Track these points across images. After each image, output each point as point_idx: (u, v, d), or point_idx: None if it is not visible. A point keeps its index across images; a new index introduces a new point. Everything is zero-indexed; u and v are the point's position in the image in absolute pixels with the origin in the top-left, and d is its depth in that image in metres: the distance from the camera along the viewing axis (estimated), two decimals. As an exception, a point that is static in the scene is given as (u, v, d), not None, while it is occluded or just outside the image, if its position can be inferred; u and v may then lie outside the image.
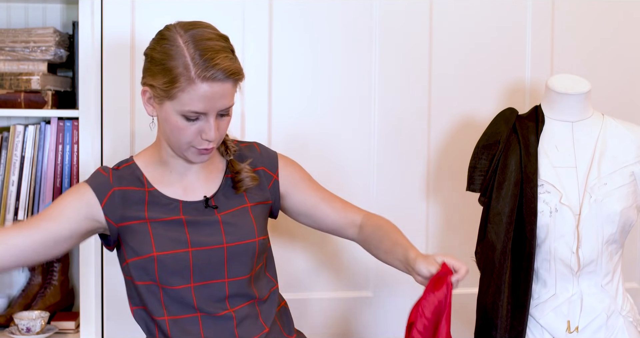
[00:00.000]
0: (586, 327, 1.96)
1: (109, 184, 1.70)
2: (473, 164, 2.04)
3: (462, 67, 2.49)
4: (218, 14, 2.35)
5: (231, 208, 1.75)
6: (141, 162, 1.76)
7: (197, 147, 1.64)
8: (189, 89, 1.57)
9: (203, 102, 1.58)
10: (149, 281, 1.70)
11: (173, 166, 1.75)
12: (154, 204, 1.71)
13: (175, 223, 1.70)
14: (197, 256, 1.68)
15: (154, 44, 1.66)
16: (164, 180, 1.74)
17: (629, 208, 1.96)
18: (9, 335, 2.23)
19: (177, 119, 1.61)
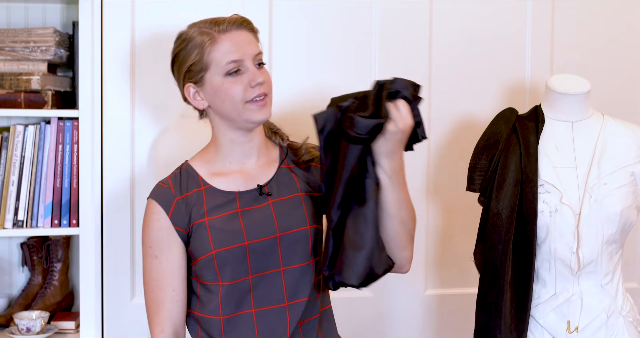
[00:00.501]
0: (586, 327, 1.96)
1: (171, 195, 1.74)
2: (473, 164, 2.04)
3: (462, 67, 2.50)
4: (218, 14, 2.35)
5: (284, 195, 1.77)
6: (195, 162, 1.80)
7: (251, 98, 1.68)
8: (216, 48, 1.67)
9: (234, 51, 1.67)
10: (209, 280, 1.72)
11: (232, 156, 1.77)
12: (210, 202, 1.74)
13: (231, 217, 1.73)
14: (253, 248, 1.71)
15: (175, 45, 1.78)
16: (221, 174, 1.77)
17: (629, 208, 1.96)
18: (9, 335, 2.23)
19: (223, 81, 1.68)
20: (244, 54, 1.68)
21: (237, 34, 1.70)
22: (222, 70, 1.68)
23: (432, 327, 2.52)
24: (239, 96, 1.68)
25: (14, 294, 2.46)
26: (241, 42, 1.69)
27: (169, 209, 1.73)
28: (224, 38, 1.68)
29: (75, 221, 2.24)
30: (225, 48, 1.68)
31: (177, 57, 1.75)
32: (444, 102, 2.49)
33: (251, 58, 1.69)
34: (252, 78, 1.68)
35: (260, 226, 1.73)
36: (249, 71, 1.68)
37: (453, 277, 2.53)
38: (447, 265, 2.53)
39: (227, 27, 1.69)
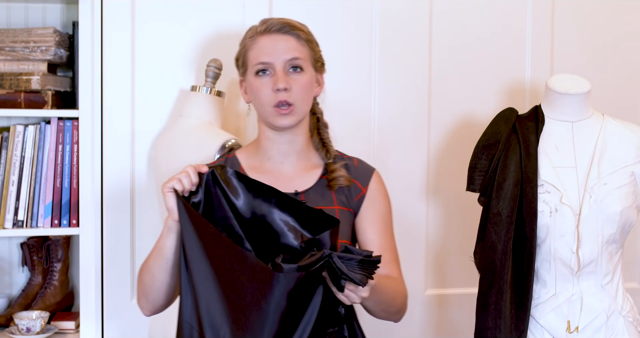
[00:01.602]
0: (586, 327, 1.96)
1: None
2: (473, 164, 2.04)
3: (462, 67, 2.50)
4: (218, 14, 2.35)
5: (319, 206, 1.74)
6: (241, 154, 1.84)
7: (274, 103, 1.71)
8: (253, 47, 1.75)
9: (265, 53, 1.72)
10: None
11: (270, 153, 1.80)
12: None
13: None
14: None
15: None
16: (260, 169, 1.80)
17: (629, 208, 1.96)
18: (9, 335, 2.23)
19: (254, 80, 1.74)
20: (274, 57, 1.72)
21: (275, 37, 1.73)
22: (253, 69, 1.74)
23: (432, 327, 2.52)
24: (265, 99, 1.73)
25: (14, 294, 2.46)
26: (275, 46, 1.72)
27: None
28: (261, 39, 1.74)
29: (75, 221, 2.24)
30: (258, 49, 1.73)
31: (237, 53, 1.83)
32: (444, 102, 2.49)
33: (283, 62, 1.72)
34: (275, 82, 1.71)
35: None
36: (276, 74, 1.72)
37: (453, 277, 2.53)
38: (447, 265, 2.53)
39: (268, 29, 1.74)
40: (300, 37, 1.75)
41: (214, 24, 2.35)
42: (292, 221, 1.60)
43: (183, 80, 2.32)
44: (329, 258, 1.47)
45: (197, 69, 2.33)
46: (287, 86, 1.70)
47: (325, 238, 1.53)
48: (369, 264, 1.49)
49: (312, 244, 1.54)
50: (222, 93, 2.23)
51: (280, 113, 1.72)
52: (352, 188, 1.82)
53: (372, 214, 1.83)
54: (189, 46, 2.33)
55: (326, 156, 1.84)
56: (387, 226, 1.85)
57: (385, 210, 1.85)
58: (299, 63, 1.74)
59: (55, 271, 2.40)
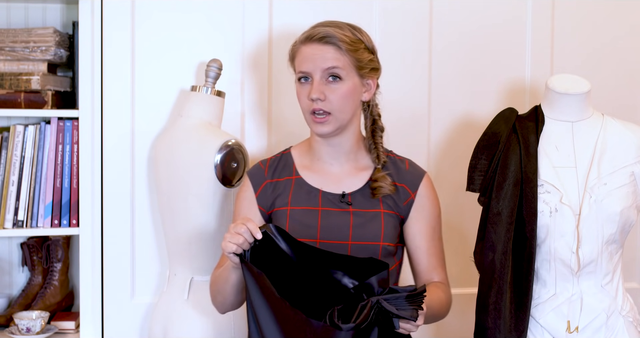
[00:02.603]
0: (586, 327, 1.96)
1: (263, 177, 1.86)
2: (473, 164, 2.04)
3: (462, 67, 2.50)
4: (218, 15, 2.35)
5: (365, 208, 1.82)
6: (296, 151, 1.91)
7: (309, 111, 1.79)
8: (297, 55, 1.83)
9: (306, 62, 1.79)
10: None
11: (319, 153, 1.87)
12: (297, 192, 1.82)
13: (312, 213, 1.80)
14: (323, 247, 1.74)
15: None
16: (311, 168, 1.87)
17: (629, 208, 1.96)
18: (9, 335, 2.23)
19: (297, 86, 1.83)
20: (312, 67, 1.78)
21: (315, 47, 1.79)
22: (297, 76, 1.83)
23: (432, 326, 2.52)
24: (303, 105, 1.82)
25: (14, 294, 2.46)
26: (314, 56, 1.78)
27: (258, 189, 1.84)
28: (302, 49, 1.81)
29: (75, 221, 2.24)
30: (300, 58, 1.81)
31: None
32: (444, 102, 2.49)
33: (320, 71, 1.78)
34: (310, 91, 1.79)
35: (336, 230, 1.79)
36: (313, 83, 1.78)
37: (453, 277, 2.52)
38: (447, 265, 2.52)
39: (309, 38, 1.80)
40: (340, 47, 1.78)
41: (214, 24, 2.35)
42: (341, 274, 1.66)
43: (183, 80, 2.32)
44: (378, 305, 1.54)
45: (197, 69, 2.33)
46: (322, 96, 1.78)
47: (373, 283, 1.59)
48: (416, 297, 1.56)
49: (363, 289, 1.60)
50: (222, 93, 2.23)
51: (316, 121, 1.79)
52: (400, 191, 1.87)
53: (420, 220, 1.89)
54: (189, 46, 2.33)
55: (376, 160, 1.89)
56: (435, 232, 1.92)
57: (434, 215, 1.92)
58: (337, 72, 1.79)
59: (55, 271, 2.40)
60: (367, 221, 1.81)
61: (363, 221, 1.81)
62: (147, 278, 2.33)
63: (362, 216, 1.81)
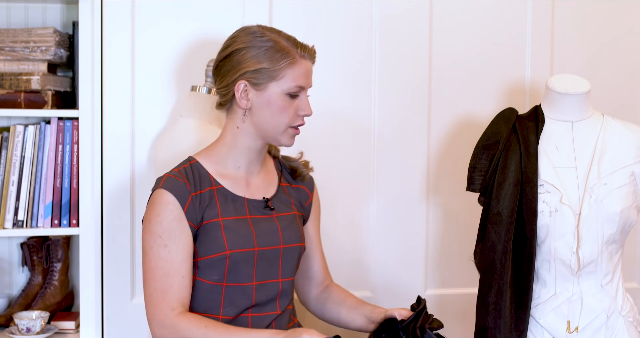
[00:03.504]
0: (586, 327, 1.96)
1: (187, 190, 1.74)
2: (473, 164, 2.04)
3: (462, 67, 2.50)
4: (218, 15, 2.35)
5: (284, 212, 1.85)
6: (204, 161, 1.81)
7: (294, 125, 1.78)
8: (295, 67, 1.75)
9: (305, 77, 1.77)
10: (215, 279, 1.74)
11: (240, 161, 1.82)
12: (223, 202, 1.77)
13: (243, 222, 1.77)
14: (261, 255, 1.76)
15: (245, 38, 1.76)
16: (230, 177, 1.81)
17: (629, 208, 1.96)
18: (9, 335, 2.23)
19: (282, 98, 1.75)
20: (307, 83, 1.79)
21: (309, 64, 1.79)
22: (287, 89, 1.75)
23: (432, 327, 2.52)
24: (287, 119, 1.76)
25: (14, 294, 2.46)
26: (309, 72, 1.79)
27: (185, 204, 1.73)
28: (302, 63, 1.76)
29: (75, 221, 2.24)
30: (300, 72, 1.75)
31: (246, 51, 1.75)
32: (444, 103, 2.49)
33: (308, 88, 1.79)
34: (302, 108, 1.78)
35: (269, 236, 1.78)
36: (302, 100, 1.78)
37: (453, 277, 2.53)
38: (447, 265, 2.53)
39: (307, 55, 1.78)
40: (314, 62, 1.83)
41: (214, 24, 2.35)
42: None
43: (183, 80, 2.32)
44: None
45: (197, 69, 2.32)
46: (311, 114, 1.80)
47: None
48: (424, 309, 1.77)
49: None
50: (222, 93, 2.23)
51: (295, 133, 1.80)
52: (301, 192, 1.93)
53: (315, 221, 1.99)
54: (189, 46, 2.33)
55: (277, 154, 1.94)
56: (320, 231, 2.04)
57: (320, 211, 2.04)
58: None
59: (55, 271, 2.40)
60: (289, 224, 1.85)
61: (286, 224, 1.84)
62: (147, 278, 2.33)
63: (285, 220, 1.84)
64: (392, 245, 2.48)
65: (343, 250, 2.45)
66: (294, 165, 1.93)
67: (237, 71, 1.75)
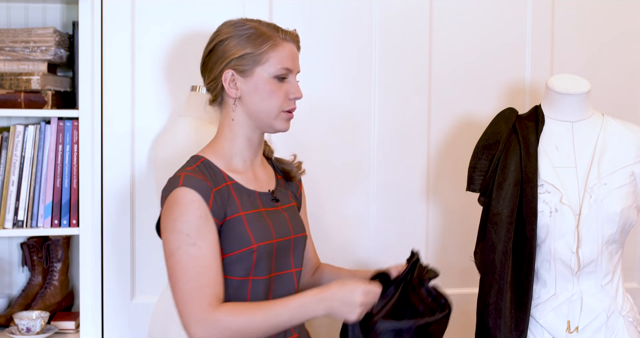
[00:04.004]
0: (586, 327, 1.96)
1: (208, 187, 1.71)
2: (473, 164, 2.04)
3: (462, 67, 2.50)
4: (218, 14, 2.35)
5: (286, 203, 1.86)
6: (212, 157, 1.79)
7: (286, 109, 1.77)
8: (279, 49, 1.75)
9: (290, 59, 1.76)
10: (242, 275, 1.73)
11: (245, 154, 1.81)
12: (240, 197, 1.76)
13: (259, 215, 1.77)
14: (278, 247, 1.77)
15: (227, 30, 1.78)
16: (240, 171, 1.80)
17: (629, 208, 1.96)
18: (9, 335, 2.23)
19: (269, 81, 1.74)
20: (294, 66, 1.77)
21: (293, 47, 1.79)
22: (274, 71, 1.74)
23: (432, 327, 2.52)
24: (277, 102, 1.75)
25: (14, 294, 2.46)
26: (294, 55, 1.78)
27: (209, 201, 1.70)
28: (285, 45, 1.76)
29: (75, 221, 2.24)
30: (284, 54, 1.75)
31: (228, 41, 1.76)
32: (444, 102, 2.49)
33: (295, 73, 1.79)
34: (292, 91, 1.77)
35: (282, 227, 1.79)
36: (292, 83, 1.77)
37: (453, 277, 2.53)
38: (447, 265, 2.53)
39: (288, 37, 1.77)
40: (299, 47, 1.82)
41: (214, 23, 2.34)
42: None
43: (183, 80, 2.32)
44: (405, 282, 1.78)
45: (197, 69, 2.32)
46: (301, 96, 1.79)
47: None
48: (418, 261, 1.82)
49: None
50: (222, 93, 2.23)
51: (289, 116, 1.78)
52: (293, 184, 1.94)
53: (304, 209, 2.00)
54: (189, 46, 2.33)
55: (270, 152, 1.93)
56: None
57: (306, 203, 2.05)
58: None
59: (55, 271, 2.40)
60: (293, 214, 1.86)
61: (291, 215, 1.85)
62: (147, 278, 2.33)
63: (289, 211, 1.85)
64: (392, 244, 2.48)
65: (343, 250, 2.45)
66: (287, 168, 1.92)
67: (222, 61, 1.76)
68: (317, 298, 1.66)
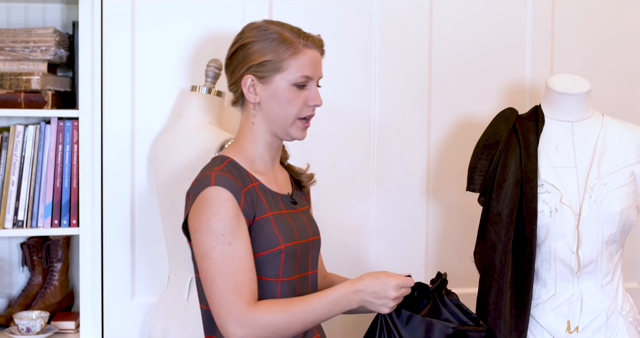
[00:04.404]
0: (586, 327, 1.96)
1: (238, 187, 1.71)
2: (473, 164, 2.04)
3: (462, 67, 2.50)
4: (218, 15, 2.35)
5: (303, 206, 1.87)
6: (237, 158, 1.80)
7: (303, 116, 1.77)
8: (299, 56, 1.73)
9: (310, 67, 1.75)
10: (271, 275, 1.73)
11: (266, 158, 1.82)
12: (266, 198, 1.77)
13: (284, 216, 1.78)
14: (301, 248, 1.78)
15: (249, 33, 1.77)
16: (263, 173, 1.81)
17: (629, 208, 1.96)
18: (9, 335, 2.23)
19: (288, 89, 1.74)
20: (315, 73, 1.76)
21: (315, 53, 1.77)
22: (293, 79, 1.74)
23: (432, 327, 2.52)
24: (295, 110, 1.75)
25: (14, 294, 2.46)
26: (316, 62, 1.77)
27: (240, 200, 1.70)
28: (306, 52, 1.75)
29: (75, 221, 2.24)
30: (304, 61, 1.74)
31: (250, 45, 1.76)
32: (444, 103, 2.49)
33: (317, 79, 1.78)
34: (312, 98, 1.76)
35: (303, 229, 1.81)
36: (312, 90, 1.76)
37: (453, 277, 2.53)
38: (447, 265, 2.53)
39: (311, 44, 1.76)
40: (323, 52, 1.81)
41: (214, 24, 2.35)
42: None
43: (183, 80, 2.32)
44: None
45: (197, 69, 2.32)
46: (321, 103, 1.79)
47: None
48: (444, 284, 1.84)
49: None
50: (222, 93, 2.23)
51: (305, 126, 1.78)
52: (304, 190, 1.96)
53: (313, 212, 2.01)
54: (189, 46, 2.33)
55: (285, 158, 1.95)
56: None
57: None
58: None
59: (55, 271, 2.40)
60: (309, 217, 1.88)
61: (308, 217, 1.87)
62: (147, 278, 2.33)
63: (305, 213, 1.87)
64: (392, 244, 2.48)
65: (343, 250, 2.45)
66: (298, 178, 1.93)
67: (242, 66, 1.76)
68: (351, 291, 1.66)
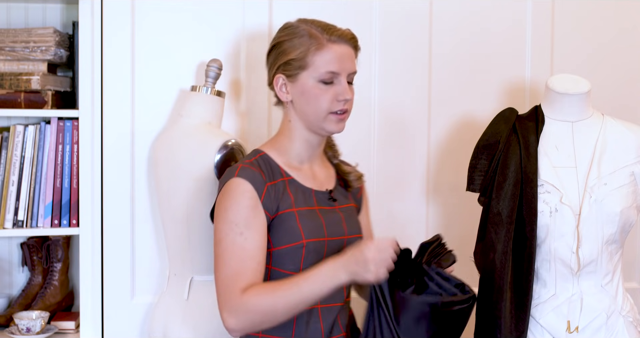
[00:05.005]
0: (586, 327, 1.96)
1: (262, 180, 1.76)
2: (473, 164, 2.04)
3: (462, 67, 2.50)
4: (218, 15, 2.35)
5: (344, 204, 1.89)
6: (272, 153, 1.84)
7: (334, 110, 1.78)
8: (322, 52, 1.75)
9: (335, 62, 1.75)
10: (291, 269, 1.76)
11: (303, 155, 1.85)
12: (295, 193, 1.80)
13: (313, 212, 1.80)
14: (330, 245, 1.79)
15: (279, 33, 1.83)
16: (298, 168, 1.84)
17: (629, 208, 1.96)
18: (9, 335, 2.23)
19: (315, 86, 1.76)
20: (342, 68, 1.77)
21: (343, 47, 1.78)
22: (318, 76, 1.76)
23: (432, 327, 2.52)
24: (325, 105, 1.77)
25: (14, 294, 2.46)
26: (343, 56, 1.77)
27: (262, 193, 1.74)
28: (330, 47, 1.76)
29: (75, 221, 2.24)
30: (328, 57, 1.75)
31: (280, 45, 1.80)
32: (444, 102, 2.49)
33: (346, 74, 1.78)
34: (341, 93, 1.77)
35: (336, 226, 1.82)
36: (341, 85, 1.77)
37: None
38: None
39: (337, 38, 1.77)
40: (357, 49, 1.82)
41: (214, 24, 2.35)
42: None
43: (183, 80, 2.32)
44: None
45: (197, 69, 2.32)
46: (351, 97, 1.79)
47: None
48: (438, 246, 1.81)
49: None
50: (222, 93, 2.23)
51: (338, 118, 1.79)
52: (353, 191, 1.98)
53: (366, 212, 2.04)
54: (189, 46, 2.33)
55: (334, 156, 1.96)
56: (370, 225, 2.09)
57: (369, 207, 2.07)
58: (354, 76, 1.82)
59: (55, 271, 2.40)
60: (350, 215, 1.89)
61: (348, 215, 1.88)
62: (147, 278, 2.33)
63: (346, 211, 1.88)
64: (392, 245, 2.48)
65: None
66: (345, 177, 1.94)
67: (273, 66, 1.82)
68: (336, 265, 1.67)
